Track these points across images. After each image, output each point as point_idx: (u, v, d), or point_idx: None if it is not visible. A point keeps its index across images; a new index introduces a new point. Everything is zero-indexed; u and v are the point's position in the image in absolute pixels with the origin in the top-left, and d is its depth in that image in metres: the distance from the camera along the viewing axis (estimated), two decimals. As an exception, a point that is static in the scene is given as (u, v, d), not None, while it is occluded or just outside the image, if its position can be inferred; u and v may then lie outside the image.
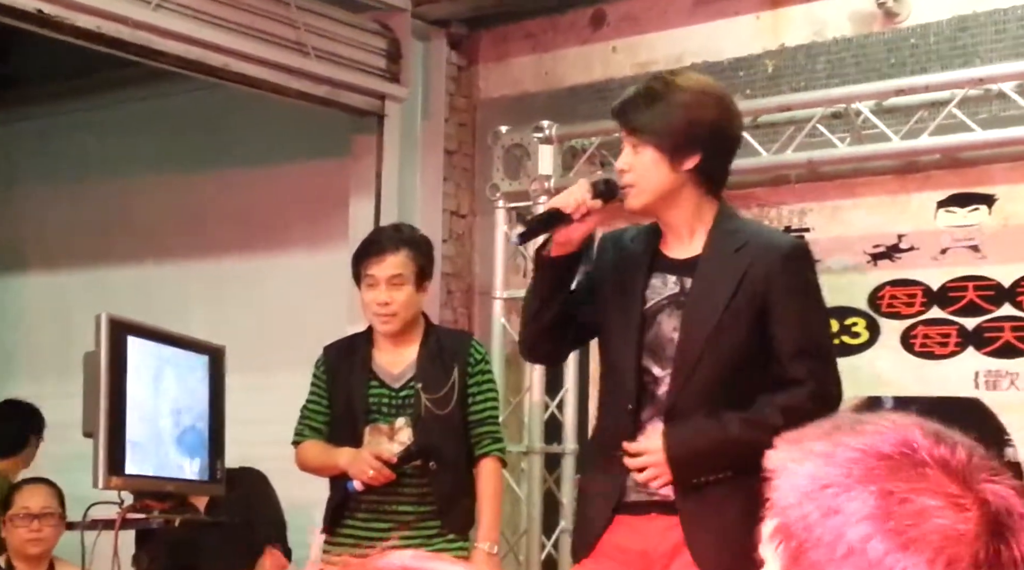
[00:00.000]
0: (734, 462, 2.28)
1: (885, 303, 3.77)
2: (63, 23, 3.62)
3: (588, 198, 2.34)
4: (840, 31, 3.98)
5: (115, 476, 2.82)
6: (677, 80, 2.38)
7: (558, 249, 2.40)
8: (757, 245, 2.35)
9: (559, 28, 4.60)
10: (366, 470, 3.10)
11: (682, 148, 2.32)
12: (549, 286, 2.44)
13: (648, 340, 2.38)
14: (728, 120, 2.38)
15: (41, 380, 5.30)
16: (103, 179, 5.60)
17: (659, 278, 2.40)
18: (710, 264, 2.35)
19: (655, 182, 2.35)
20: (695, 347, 2.32)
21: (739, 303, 2.30)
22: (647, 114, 2.34)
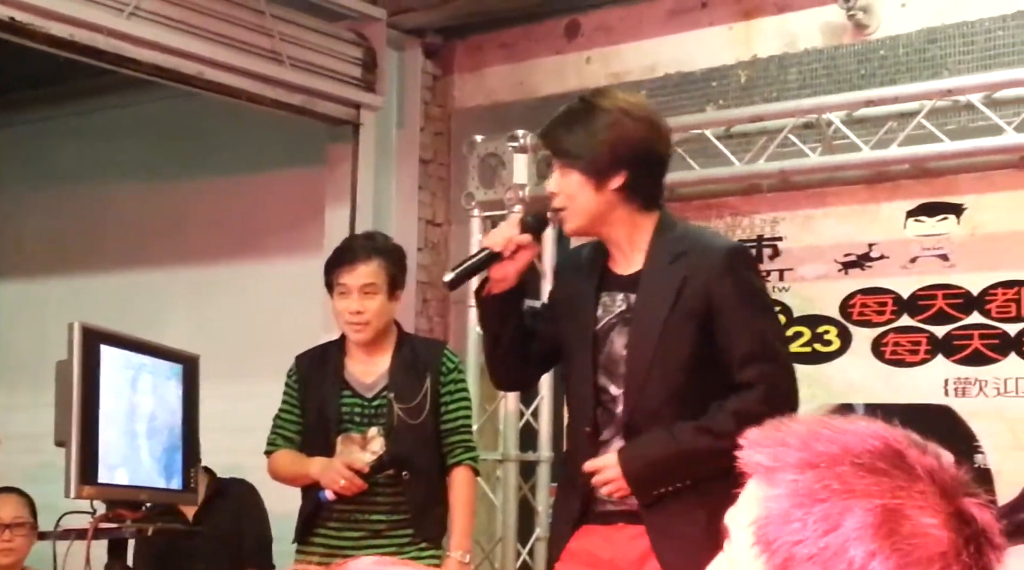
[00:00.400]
0: (691, 471, 2.30)
1: (856, 311, 3.80)
2: (36, 31, 3.62)
3: (516, 234, 2.39)
4: (811, 42, 4.02)
5: (87, 485, 2.81)
6: (600, 101, 2.40)
7: (496, 287, 2.44)
8: (695, 253, 2.36)
9: (534, 38, 4.63)
10: (337, 480, 3.10)
11: (605, 169, 2.34)
12: (496, 323, 2.48)
13: (602, 360, 2.40)
14: (654, 138, 2.39)
15: (15, 389, 5.29)
16: (80, 187, 5.59)
17: (608, 296, 2.42)
18: (651, 277, 2.37)
19: (583, 204, 2.37)
20: (643, 362, 2.34)
21: (681, 313, 2.31)
22: (570, 137, 2.37)
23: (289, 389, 3.37)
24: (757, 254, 3.98)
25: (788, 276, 3.93)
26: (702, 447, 2.27)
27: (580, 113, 2.39)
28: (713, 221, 4.08)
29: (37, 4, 3.56)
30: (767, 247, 3.98)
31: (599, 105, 2.38)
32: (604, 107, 2.37)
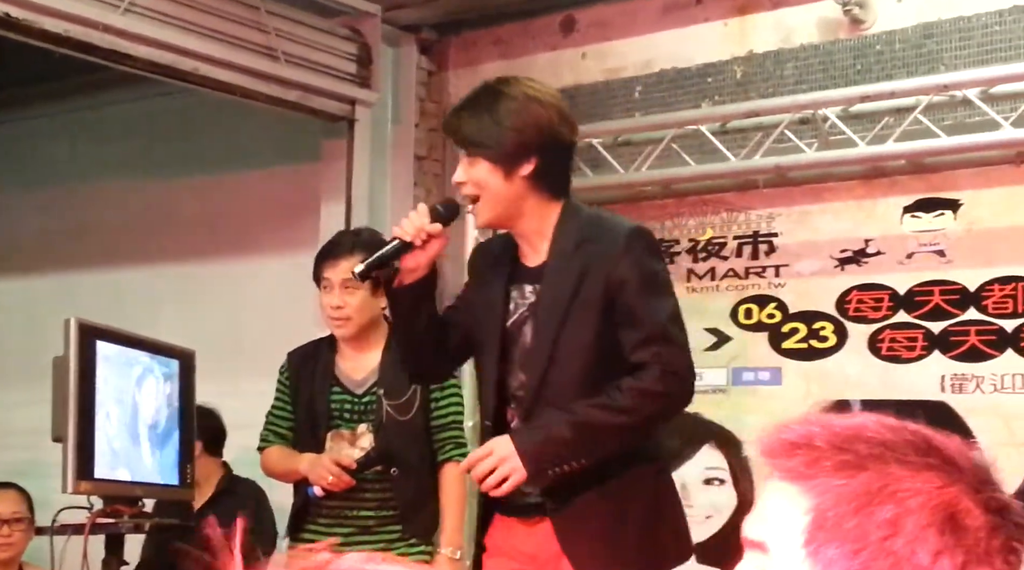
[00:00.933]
0: (588, 448, 2.26)
1: (852, 307, 3.81)
2: (31, 27, 3.60)
3: (427, 223, 2.32)
4: (807, 38, 4.02)
5: (84, 481, 2.80)
6: (505, 88, 2.34)
7: (407, 277, 2.38)
8: (595, 239, 2.32)
9: (529, 34, 4.63)
10: (325, 475, 3.10)
11: (513, 157, 2.28)
12: (407, 314, 2.43)
13: (517, 355, 2.37)
14: (559, 124, 2.33)
15: (9, 386, 5.26)
16: (75, 184, 5.57)
17: (518, 289, 2.39)
18: (554, 267, 2.34)
19: (494, 194, 2.31)
20: (543, 353, 2.30)
21: (582, 301, 2.28)
22: (474, 125, 2.31)
23: (281, 386, 3.37)
24: (753, 250, 3.99)
25: (784, 272, 3.93)
26: (598, 421, 2.24)
27: (485, 99, 2.33)
28: (708, 217, 4.08)
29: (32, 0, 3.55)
30: (763, 243, 3.98)
31: (505, 91, 2.32)
32: (510, 93, 2.31)
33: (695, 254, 4.08)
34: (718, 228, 4.04)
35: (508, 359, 2.37)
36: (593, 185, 4.21)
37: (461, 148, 2.34)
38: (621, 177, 4.13)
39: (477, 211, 2.34)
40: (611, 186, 4.18)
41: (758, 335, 3.93)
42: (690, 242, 4.09)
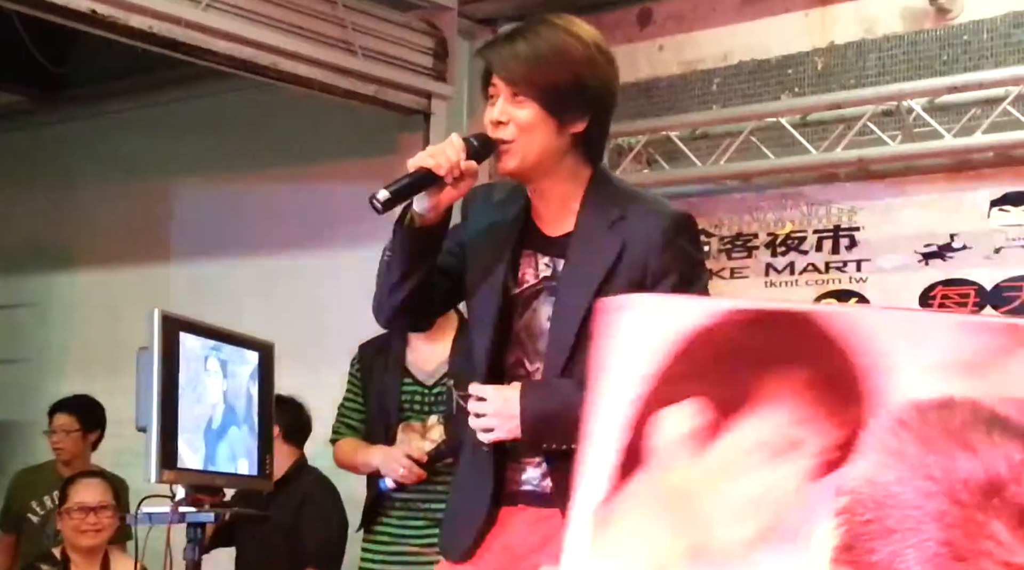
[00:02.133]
0: None
1: (937, 303, 3.72)
2: (116, 23, 3.66)
3: (463, 159, 2.01)
4: (891, 28, 3.94)
5: (167, 470, 2.83)
6: (571, 28, 2.04)
7: (427, 215, 2.06)
8: (635, 219, 2.05)
9: (605, 26, 4.58)
10: (396, 468, 3.10)
11: (569, 109, 2.02)
12: (411, 257, 2.11)
13: (518, 330, 2.12)
14: (616, 83, 2.09)
15: (92, 376, 5.37)
16: (153, 178, 5.66)
17: (531, 257, 2.12)
18: (583, 242, 2.07)
19: (539, 143, 2.02)
20: (566, 340, 2.04)
21: (614, 287, 2.02)
22: (533, 64, 2.00)
23: (353, 378, 3.39)
24: (834, 245, 3.92)
25: (866, 267, 3.86)
26: None
27: (547, 38, 2.02)
28: (788, 211, 4.02)
29: (117, -5, 3.60)
30: (844, 237, 3.91)
31: (572, 33, 2.03)
32: (577, 35, 2.03)
33: (774, 248, 4.02)
34: (798, 222, 3.98)
35: (506, 331, 2.12)
36: (670, 178, 4.18)
37: (508, 82, 2.02)
38: (699, 170, 4.08)
39: (510, 153, 2.03)
40: (689, 179, 4.14)
41: (839, 331, 3.86)
42: (769, 236, 4.04)
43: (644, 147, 4.22)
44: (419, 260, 2.10)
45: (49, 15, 3.66)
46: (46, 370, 5.85)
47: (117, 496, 3.91)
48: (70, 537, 3.76)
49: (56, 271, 5.98)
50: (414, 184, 2.01)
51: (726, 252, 4.11)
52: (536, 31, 2.03)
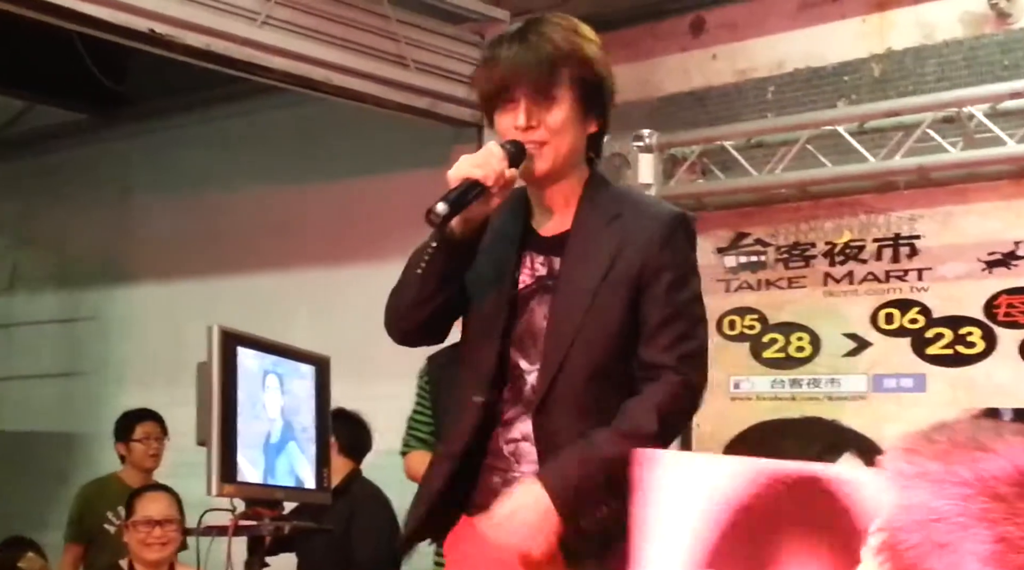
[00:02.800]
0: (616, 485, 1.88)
1: (1002, 312, 3.65)
2: (174, 42, 3.72)
3: (506, 167, 1.98)
4: (950, 33, 3.88)
5: (227, 483, 2.86)
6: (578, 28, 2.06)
7: (468, 225, 2.02)
8: (632, 217, 2.05)
9: (658, 36, 4.57)
10: None
11: (589, 110, 2.03)
12: (449, 268, 2.06)
13: (518, 330, 2.09)
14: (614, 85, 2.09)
15: (152, 388, 5.44)
16: (210, 192, 5.74)
17: (529, 258, 2.10)
18: (581, 241, 2.06)
19: (568, 144, 2.03)
20: (564, 338, 2.02)
21: (612, 285, 2.02)
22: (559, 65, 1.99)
23: (421, 390, 3.39)
24: (894, 253, 3.86)
25: (927, 276, 3.79)
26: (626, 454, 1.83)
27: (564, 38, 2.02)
28: (846, 219, 3.97)
29: (175, 16, 3.65)
30: (904, 245, 3.86)
31: (582, 33, 2.05)
32: (587, 36, 2.05)
33: (832, 257, 3.97)
34: (856, 231, 3.93)
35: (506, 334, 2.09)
36: (726, 188, 4.14)
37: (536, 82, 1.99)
38: (754, 180, 4.05)
39: (543, 156, 2.02)
40: (744, 189, 4.11)
41: (900, 340, 3.80)
42: (827, 245, 3.99)
43: (698, 157, 4.19)
44: (455, 274, 2.08)
45: (110, 35, 3.72)
46: (106, 383, 5.94)
47: (181, 509, 3.94)
48: (136, 550, 3.80)
49: (116, 285, 6.08)
50: (466, 197, 1.97)
51: (783, 262, 4.06)
52: (547, 33, 2.02)
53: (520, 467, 2.07)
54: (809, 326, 3.98)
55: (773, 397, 4.02)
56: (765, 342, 4.06)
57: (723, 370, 4.12)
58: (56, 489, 5.64)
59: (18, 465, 6.06)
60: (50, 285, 6.40)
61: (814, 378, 3.95)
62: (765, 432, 4.02)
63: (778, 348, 4.03)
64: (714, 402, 4.12)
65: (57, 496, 5.33)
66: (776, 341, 4.04)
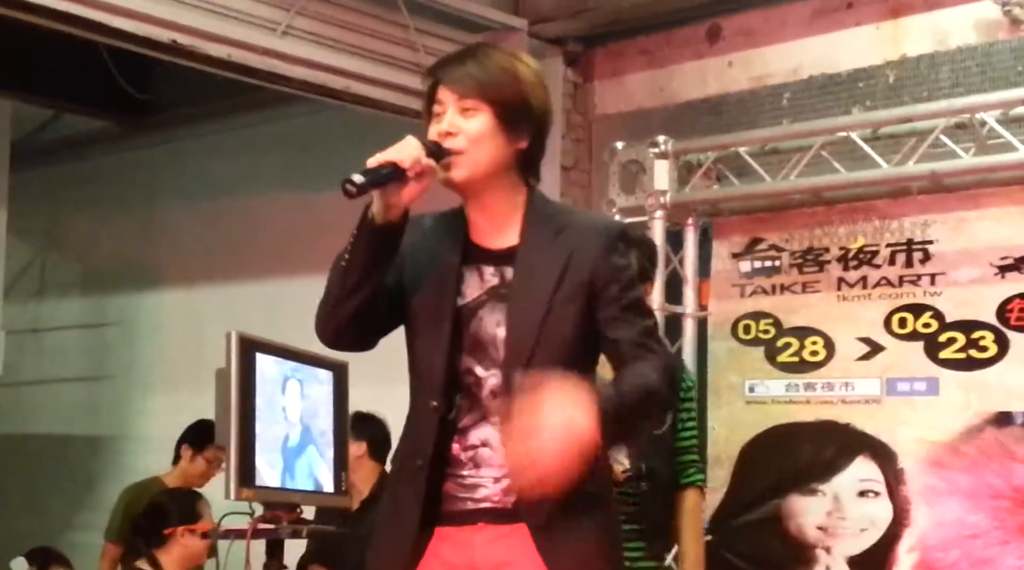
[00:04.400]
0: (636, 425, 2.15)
1: (1014, 316, 3.67)
2: (196, 52, 3.79)
3: (423, 156, 2.06)
4: (964, 40, 3.90)
5: (246, 488, 2.92)
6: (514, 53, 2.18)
7: (389, 212, 2.07)
8: (578, 229, 2.14)
9: (674, 44, 4.61)
10: None
11: (517, 124, 2.10)
12: (372, 256, 2.11)
13: (468, 339, 2.14)
14: (550, 107, 2.18)
15: (176, 392, 5.53)
16: (234, 199, 5.81)
17: (474, 270, 2.17)
18: (531, 252, 2.13)
19: (487, 154, 2.09)
20: (525, 343, 2.09)
21: (566, 291, 2.10)
22: (489, 76, 2.09)
23: None
24: (907, 258, 3.88)
25: (940, 280, 3.81)
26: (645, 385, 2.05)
27: (496, 59, 2.13)
28: (860, 225, 3.99)
29: (197, 27, 3.73)
30: (917, 251, 3.88)
31: (517, 56, 2.16)
32: (522, 59, 2.15)
33: (846, 263, 4.00)
34: (870, 236, 3.95)
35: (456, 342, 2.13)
36: (741, 194, 4.18)
37: (460, 94, 2.09)
38: (769, 186, 4.08)
39: (460, 163, 2.08)
40: (758, 195, 4.14)
41: (913, 344, 3.82)
42: (840, 250, 4.01)
43: (714, 163, 4.23)
44: (377, 263, 2.11)
45: (133, 46, 3.80)
46: (133, 387, 6.03)
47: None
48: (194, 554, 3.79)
49: (142, 291, 6.17)
50: (385, 175, 2.03)
51: (797, 267, 4.09)
52: (484, 53, 2.14)
53: (480, 472, 2.11)
54: (823, 330, 4.00)
55: (787, 401, 4.04)
56: (779, 346, 4.09)
57: (738, 374, 4.15)
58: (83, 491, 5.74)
59: (47, 467, 6.17)
60: (77, 290, 6.50)
61: (828, 382, 3.97)
62: (779, 435, 4.04)
63: (792, 352, 4.06)
64: (729, 406, 4.15)
65: (84, 498, 5.42)
66: (790, 345, 4.07)
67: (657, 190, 4.21)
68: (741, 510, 4.08)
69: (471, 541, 2.10)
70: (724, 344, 4.19)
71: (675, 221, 4.26)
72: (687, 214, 4.27)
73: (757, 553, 4.01)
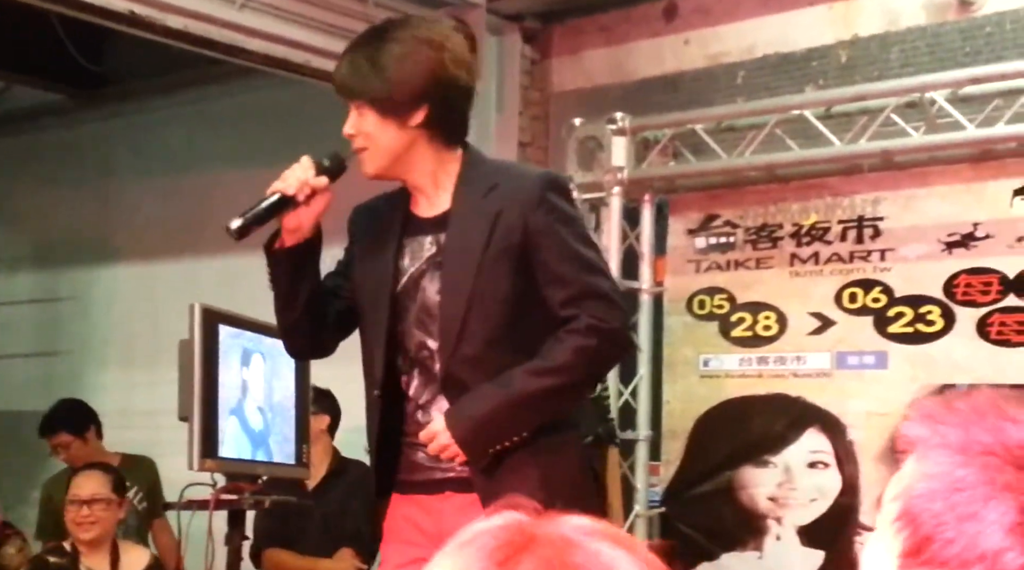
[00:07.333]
0: (529, 418, 2.11)
1: (960, 291, 3.77)
2: (154, 23, 3.77)
3: (311, 176, 2.16)
4: (914, 20, 3.98)
5: (208, 459, 2.95)
6: (391, 31, 2.18)
7: (290, 237, 2.20)
8: (507, 185, 2.15)
9: (632, 21, 4.65)
10: None
11: (401, 106, 2.13)
12: (289, 280, 2.23)
13: (415, 312, 2.18)
14: (454, 67, 2.16)
15: (134, 368, 5.50)
16: (191, 173, 5.78)
17: (414, 241, 2.21)
18: (461, 216, 2.16)
19: (385, 144, 2.15)
20: (457, 307, 2.12)
21: (497, 249, 2.11)
22: (357, 74, 2.15)
23: None
24: (858, 235, 3.97)
25: (890, 256, 3.90)
26: (535, 389, 2.08)
27: (368, 45, 2.17)
28: (812, 202, 4.07)
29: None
30: (868, 227, 3.96)
31: (390, 35, 2.17)
32: (396, 37, 2.16)
33: (798, 239, 4.08)
34: (822, 213, 4.03)
35: (402, 319, 2.19)
36: (695, 170, 4.24)
37: (345, 98, 2.19)
38: (724, 163, 4.14)
39: (365, 160, 2.18)
40: (714, 172, 4.20)
41: (863, 319, 3.91)
42: (793, 227, 4.09)
43: (670, 140, 4.28)
44: (296, 281, 2.22)
45: (89, 16, 3.77)
46: (87, 362, 5.99)
47: (119, 486, 3.90)
48: (70, 530, 3.79)
49: (97, 265, 6.12)
50: (268, 208, 2.17)
51: (751, 243, 4.16)
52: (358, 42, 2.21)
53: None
54: (776, 305, 4.08)
55: (741, 375, 4.12)
56: (733, 321, 4.16)
57: (693, 348, 4.22)
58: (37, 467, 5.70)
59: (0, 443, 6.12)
60: (29, 264, 6.44)
61: (780, 356, 4.06)
62: (733, 409, 4.12)
63: (746, 327, 4.14)
64: (683, 380, 4.23)
65: (38, 474, 5.39)
66: (744, 320, 4.14)
67: (614, 166, 4.25)
68: (695, 482, 4.16)
69: (441, 509, 2.16)
70: (679, 319, 4.26)
71: (632, 198, 4.31)
72: (644, 191, 4.33)
73: (710, 524, 4.09)
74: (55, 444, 4.65)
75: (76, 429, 4.60)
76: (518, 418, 2.11)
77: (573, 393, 2.20)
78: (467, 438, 2.09)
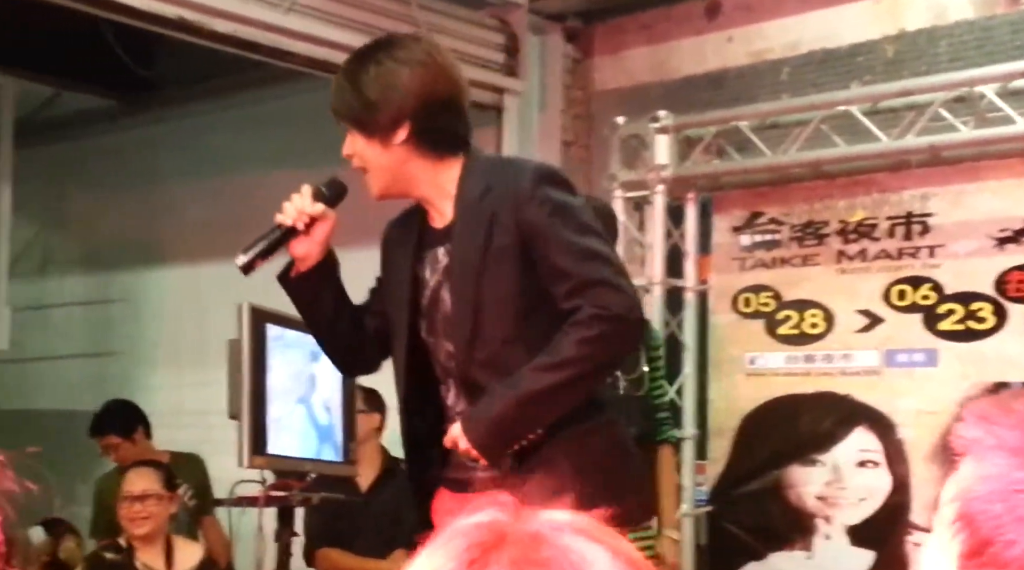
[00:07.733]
0: (542, 415, 2.13)
1: (1012, 287, 3.72)
2: (203, 28, 3.82)
3: (308, 205, 2.22)
4: (962, 14, 3.93)
5: (258, 456, 2.98)
6: (374, 54, 2.22)
7: (300, 265, 2.26)
8: (499, 185, 2.17)
9: (674, 19, 4.64)
10: None
11: (382, 127, 2.18)
12: (312, 304, 2.30)
13: (441, 322, 2.23)
14: (431, 82, 2.17)
15: (182, 368, 5.57)
16: (236, 176, 5.83)
17: (431, 254, 2.25)
18: (462, 223, 2.19)
19: (377, 165, 2.21)
20: (467, 314, 2.16)
21: (496, 251, 2.14)
22: (340, 99, 2.22)
23: None
24: (906, 231, 3.93)
25: (939, 252, 3.86)
26: (544, 385, 2.09)
27: (350, 70, 2.23)
28: (859, 198, 4.04)
29: (203, 2, 3.76)
30: (916, 223, 3.92)
31: (368, 58, 2.21)
32: (377, 59, 2.19)
33: (845, 236, 4.05)
34: (869, 209, 4.00)
35: (432, 331, 2.24)
36: (741, 168, 4.22)
37: (337, 121, 2.26)
38: (769, 160, 4.12)
39: (368, 183, 2.25)
40: (758, 169, 4.18)
41: (912, 316, 3.87)
42: (840, 224, 4.06)
43: (714, 138, 4.26)
44: (316, 305, 2.28)
45: (139, 22, 3.83)
46: (138, 362, 6.07)
47: (170, 481, 3.94)
48: (124, 525, 3.84)
49: (145, 267, 6.20)
50: (271, 241, 2.23)
51: (797, 240, 4.14)
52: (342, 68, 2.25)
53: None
54: (823, 303, 4.06)
55: (787, 373, 4.10)
56: (780, 319, 4.14)
57: (738, 347, 4.20)
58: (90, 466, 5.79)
59: (53, 442, 6.21)
60: (80, 267, 6.53)
61: (828, 354, 4.03)
62: (779, 407, 4.10)
63: (792, 325, 4.11)
64: (729, 378, 4.21)
65: (91, 472, 5.46)
66: (790, 318, 4.12)
67: (658, 165, 4.25)
68: (741, 481, 4.14)
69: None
70: (724, 317, 4.24)
71: (676, 196, 4.30)
72: (688, 189, 4.31)
73: (757, 523, 4.07)
74: (104, 445, 4.72)
75: (124, 431, 4.67)
76: (529, 416, 2.13)
77: (583, 384, 2.18)
78: (482, 441, 2.12)
